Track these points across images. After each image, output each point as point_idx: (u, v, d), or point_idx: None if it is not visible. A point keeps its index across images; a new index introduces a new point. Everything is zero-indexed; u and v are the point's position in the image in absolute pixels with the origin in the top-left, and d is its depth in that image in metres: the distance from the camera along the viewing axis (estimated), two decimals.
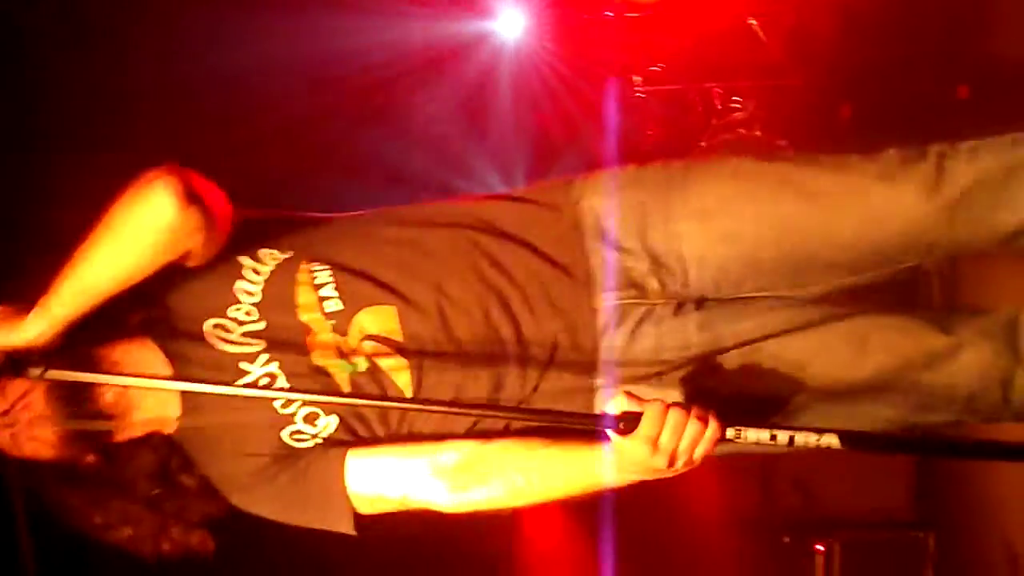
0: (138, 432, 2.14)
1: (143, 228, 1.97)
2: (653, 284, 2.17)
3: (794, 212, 2.12)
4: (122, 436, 2.12)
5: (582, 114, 4.69)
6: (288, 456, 2.13)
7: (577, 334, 2.14)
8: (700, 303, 2.19)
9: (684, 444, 1.83)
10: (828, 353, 2.15)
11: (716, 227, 2.14)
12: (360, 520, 2.15)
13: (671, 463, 1.85)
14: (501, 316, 2.12)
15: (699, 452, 1.85)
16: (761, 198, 2.13)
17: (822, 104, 4.72)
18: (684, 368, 2.15)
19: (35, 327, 1.97)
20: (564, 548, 5.80)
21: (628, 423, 1.84)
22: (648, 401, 1.85)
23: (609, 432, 1.87)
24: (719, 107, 4.79)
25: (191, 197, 1.98)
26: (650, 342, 2.16)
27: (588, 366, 2.15)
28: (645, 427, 1.83)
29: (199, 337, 2.11)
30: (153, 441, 2.17)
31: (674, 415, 1.83)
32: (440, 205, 2.32)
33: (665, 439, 1.82)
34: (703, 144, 4.82)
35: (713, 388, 2.13)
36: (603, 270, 2.16)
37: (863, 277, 2.20)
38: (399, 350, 2.11)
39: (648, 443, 1.83)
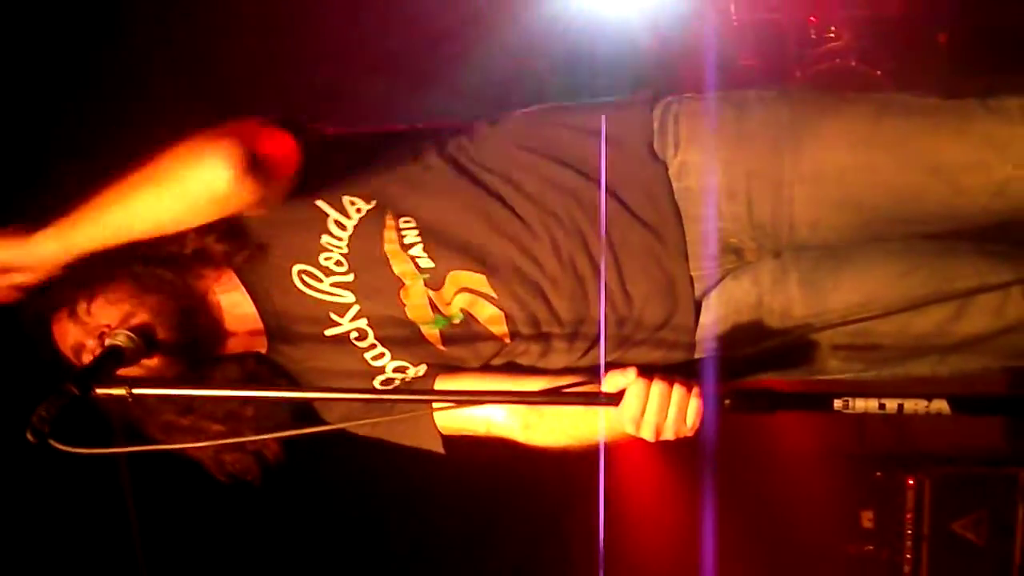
0: (230, 351, 2.17)
1: (190, 194, 1.87)
2: (751, 246, 2.10)
3: (916, 185, 1.99)
4: (214, 353, 2.15)
5: (675, 41, 4.72)
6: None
7: (673, 301, 2.10)
8: (796, 254, 2.12)
9: (669, 420, 1.84)
10: (926, 316, 2.08)
11: (832, 194, 2.01)
12: (447, 440, 2.20)
13: (657, 436, 1.86)
14: (592, 284, 2.07)
15: (689, 422, 1.85)
16: (881, 169, 1.99)
17: (918, 33, 4.68)
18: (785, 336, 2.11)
19: (46, 247, 1.90)
20: (661, 487, 5.91)
21: (619, 400, 1.86)
22: (634, 378, 1.84)
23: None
24: (814, 37, 4.78)
25: (252, 170, 1.86)
26: (751, 303, 2.11)
27: (685, 329, 2.13)
28: (626, 407, 1.84)
29: (288, 282, 2.08)
30: (243, 356, 2.19)
31: (656, 393, 1.82)
32: (522, 134, 2.16)
33: (648, 417, 1.83)
34: (798, 75, 4.83)
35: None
36: (702, 240, 2.08)
37: (968, 231, 2.09)
38: (494, 302, 2.09)
39: (631, 423, 1.85)
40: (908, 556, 5.50)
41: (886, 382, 2.16)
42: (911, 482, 5.50)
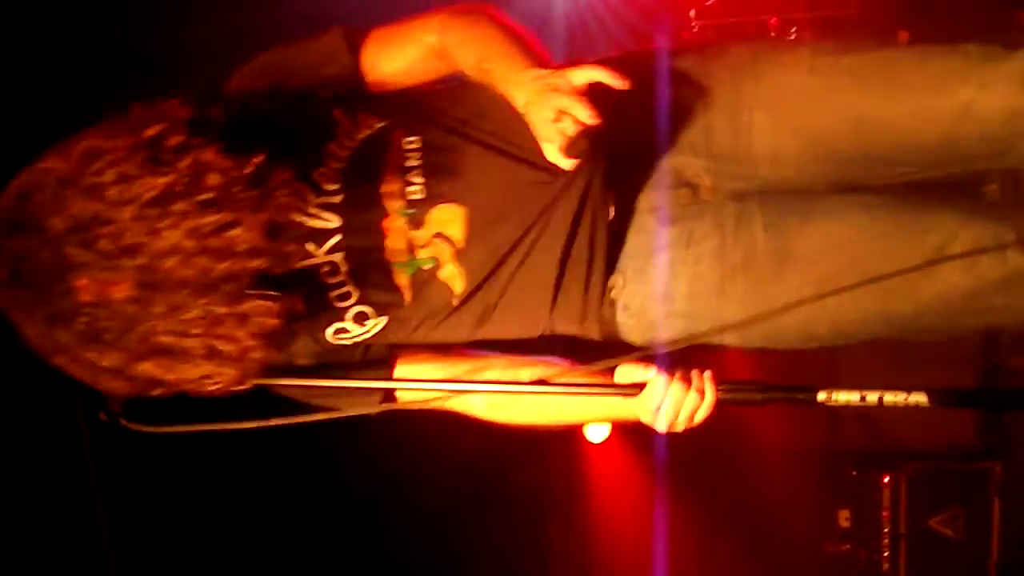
0: None
1: None
2: (707, 182, 2.08)
3: (876, 107, 1.99)
4: None
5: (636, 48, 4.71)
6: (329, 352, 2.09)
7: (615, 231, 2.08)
8: (760, 198, 2.08)
9: (683, 415, 1.95)
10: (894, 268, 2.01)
11: (792, 119, 2.02)
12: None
13: (669, 428, 1.97)
14: (543, 234, 2.04)
15: (698, 418, 1.96)
16: (841, 90, 2.00)
17: (879, 33, 4.69)
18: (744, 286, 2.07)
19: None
20: (629, 483, 5.92)
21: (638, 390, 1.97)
22: (653, 374, 1.94)
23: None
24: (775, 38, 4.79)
25: None
26: (712, 246, 2.07)
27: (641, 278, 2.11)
28: (647, 399, 1.94)
29: None
30: None
31: (675, 389, 1.93)
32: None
33: (665, 410, 1.94)
34: None
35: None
36: (657, 170, 2.07)
37: (932, 173, 2.07)
38: (458, 255, 2.05)
39: (649, 413, 1.96)
40: (886, 554, 5.54)
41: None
42: (886, 479, 5.53)
